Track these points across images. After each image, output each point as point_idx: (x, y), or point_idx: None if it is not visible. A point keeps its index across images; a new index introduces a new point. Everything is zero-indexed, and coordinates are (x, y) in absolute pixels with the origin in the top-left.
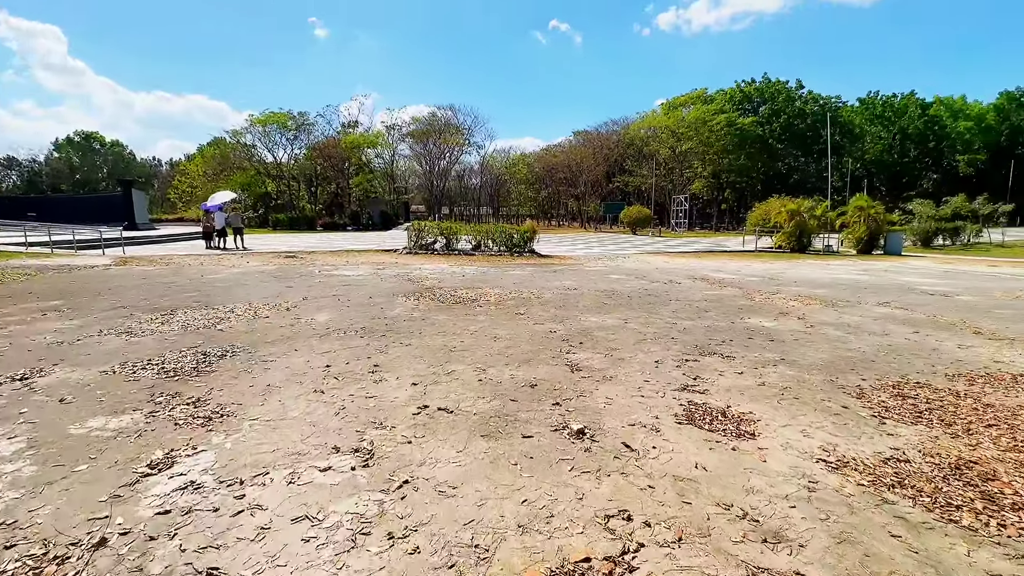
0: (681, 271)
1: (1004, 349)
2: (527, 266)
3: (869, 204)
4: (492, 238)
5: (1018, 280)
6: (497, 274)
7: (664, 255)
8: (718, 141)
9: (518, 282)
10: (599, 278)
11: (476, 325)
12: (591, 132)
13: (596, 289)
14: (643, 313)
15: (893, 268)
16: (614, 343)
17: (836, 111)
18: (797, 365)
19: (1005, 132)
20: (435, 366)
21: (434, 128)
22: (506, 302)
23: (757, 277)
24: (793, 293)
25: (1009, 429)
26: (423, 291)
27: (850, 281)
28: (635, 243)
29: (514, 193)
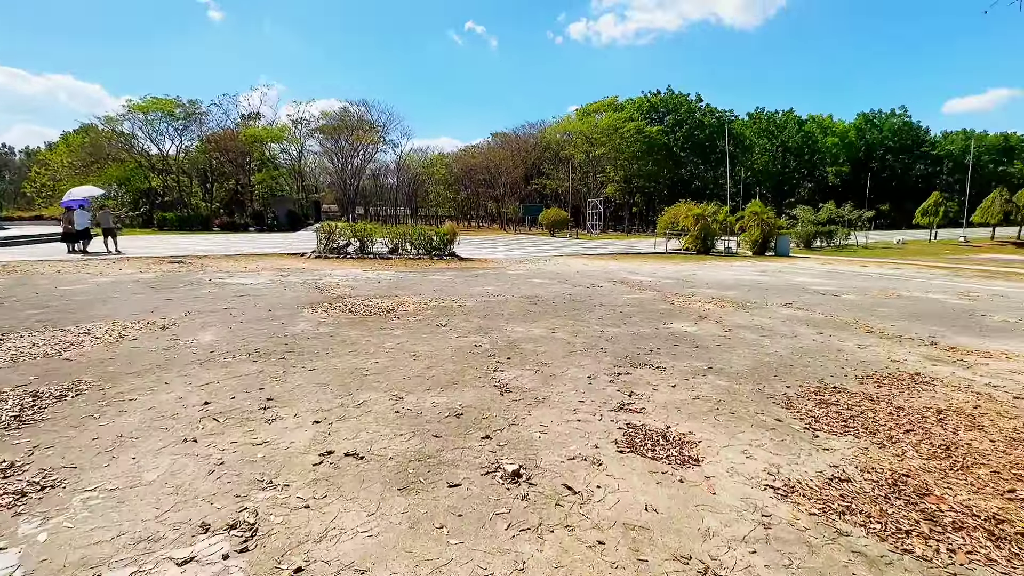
0: (601, 274)
1: (895, 347)
2: (448, 270)
3: (762, 210)
4: (410, 240)
5: (886, 279)
6: (416, 280)
7: (583, 257)
8: (629, 147)
9: (439, 288)
10: (522, 282)
11: (393, 341)
12: (509, 134)
13: (520, 295)
14: (570, 321)
15: (785, 269)
16: (544, 356)
17: (730, 124)
18: (725, 374)
19: (863, 148)
20: (343, 395)
21: (346, 124)
22: (426, 312)
23: (672, 279)
24: (706, 295)
25: (925, 434)
26: (333, 301)
27: (753, 282)
28: (554, 245)
29: (432, 193)
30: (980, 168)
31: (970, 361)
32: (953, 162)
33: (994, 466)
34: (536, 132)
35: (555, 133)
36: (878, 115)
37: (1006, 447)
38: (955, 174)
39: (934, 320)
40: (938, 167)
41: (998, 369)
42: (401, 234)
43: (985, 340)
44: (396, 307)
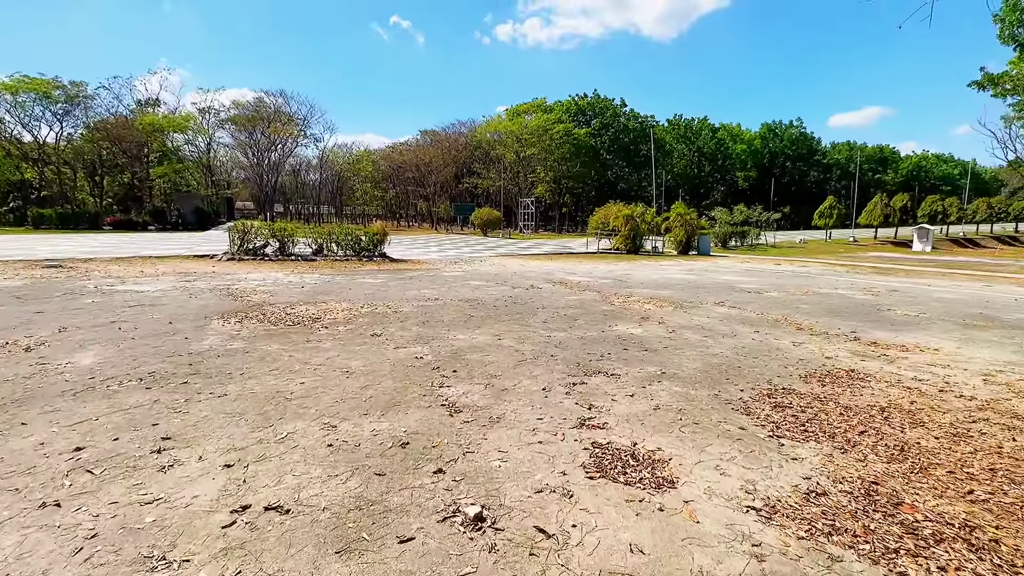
0: (539, 275)
1: (825, 344)
2: (379, 273)
3: (686, 211)
4: (336, 240)
5: (798, 276)
6: (344, 283)
7: (519, 258)
8: (558, 149)
9: (371, 293)
10: (460, 285)
11: (321, 355)
12: (439, 132)
13: (459, 298)
14: (515, 326)
15: (710, 267)
16: (492, 367)
17: (652, 128)
18: (679, 379)
19: (767, 155)
20: (262, 427)
21: (262, 115)
22: (358, 320)
23: (608, 279)
24: (644, 295)
25: (877, 435)
26: (248, 310)
27: (684, 281)
28: (488, 245)
29: (359, 191)
30: (862, 176)
31: (892, 355)
32: (840, 170)
33: (947, 465)
34: (467, 131)
35: (486, 132)
36: (779, 126)
37: (949, 444)
38: (842, 180)
39: (850, 315)
40: (828, 174)
41: (917, 362)
42: (326, 234)
43: (898, 334)
44: (323, 315)
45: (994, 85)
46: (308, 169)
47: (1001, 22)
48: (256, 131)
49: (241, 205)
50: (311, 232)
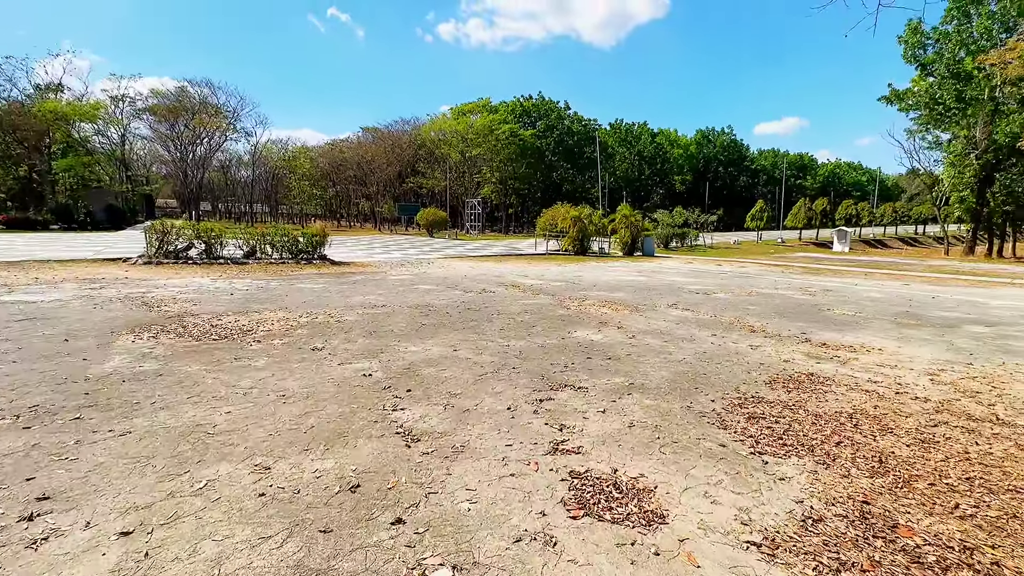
0: (491, 278)
1: (780, 347)
2: (319, 277)
3: (631, 213)
4: (271, 242)
5: (740, 277)
6: (281, 289)
7: (468, 260)
8: (504, 149)
9: (310, 300)
10: (408, 290)
11: (252, 376)
12: (382, 130)
13: (408, 304)
14: (470, 335)
15: (657, 269)
16: (450, 384)
17: (595, 132)
18: (648, 390)
19: (702, 160)
20: (175, 475)
21: (185, 106)
22: (296, 332)
23: (560, 282)
24: (598, 298)
25: (852, 445)
26: (166, 322)
27: (635, 283)
28: (435, 246)
29: (296, 190)
30: (785, 181)
31: (843, 356)
32: (767, 175)
33: (926, 477)
34: (411, 129)
35: (430, 131)
36: (712, 132)
37: (921, 451)
38: (768, 185)
39: (795, 316)
40: (756, 179)
41: (867, 363)
42: (259, 234)
43: (843, 334)
44: (256, 327)
45: (899, 100)
46: (239, 165)
47: (905, 43)
48: (179, 123)
49: (163, 203)
50: (242, 232)
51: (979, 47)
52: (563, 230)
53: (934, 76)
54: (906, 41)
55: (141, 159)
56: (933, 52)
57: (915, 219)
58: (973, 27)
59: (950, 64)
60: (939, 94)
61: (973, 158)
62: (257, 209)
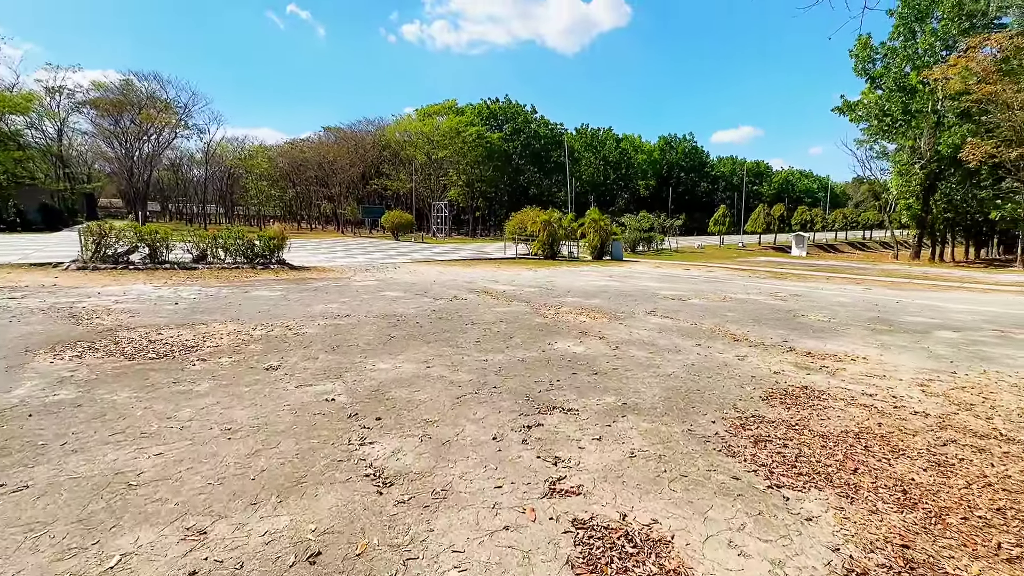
0: (461, 283)
1: (766, 356)
2: (277, 283)
3: (600, 217)
4: (224, 246)
5: (710, 282)
6: (233, 298)
7: (436, 264)
8: (471, 152)
9: (266, 310)
10: (374, 297)
11: (193, 405)
12: (345, 130)
13: (375, 314)
14: (443, 348)
15: (628, 273)
16: (425, 408)
17: (562, 136)
18: (643, 411)
19: (665, 166)
20: (76, 550)
21: (131, 100)
22: (248, 348)
23: (533, 288)
24: (574, 305)
25: (871, 473)
26: (96, 337)
27: (609, 288)
28: (401, 250)
29: (253, 190)
30: (743, 187)
31: (830, 367)
32: (725, 181)
33: (956, 510)
34: (375, 130)
35: (395, 132)
36: (674, 139)
37: (940, 477)
38: (727, 191)
39: (773, 322)
40: (715, 185)
41: (855, 374)
42: (211, 237)
43: (825, 342)
44: (201, 342)
45: (851, 111)
46: (191, 164)
47: (856, 57)
48: (124, 118)
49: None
50: (192, 235)
51: (924, 63)
52: (533, 234)
53: (882, 89)
54: (857, 55)
55: (81, 155)
56: (881, 66)
57: (863, 225)
58: (918, 43)
59: (897, 78)
60: (887, 106)
61: (918, 168)
62: (211, 210)
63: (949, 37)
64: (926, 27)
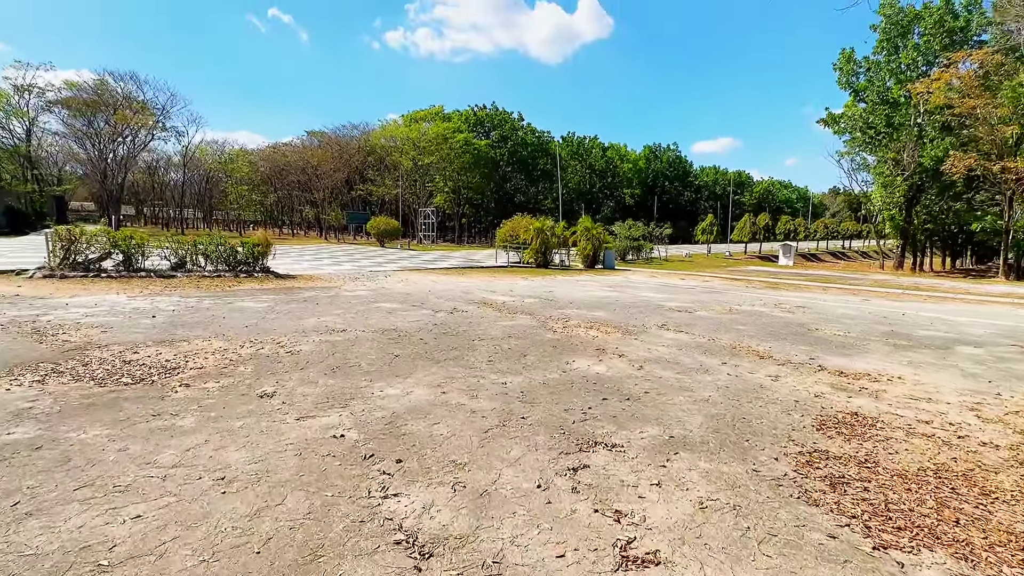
0: (457, 293)
1: (800, 377)
2: (263, 293)
3: (592, 226)
4: (204, 252)
5: (710, 292)
6: (216, 310)
7: (428, 273)
8: (458, 158)
9: (254, 324)
10: (368, 309)
11: (176, 446)
12: (329, 134)
13: (373, 328)
14: (455, 368)
15: (625, 283)
16: (451, 446)
17: (549, 144)
18: (693, 445)
19: (650, 175)
20: None
21: (105, 100)
22: (238, 370)
23: (533, 298)
24: (581, 318)
25: (972, 522)
26: (61, 359)
27: (610, 299)
28: (389, 257)
29: (233, 195)
30: (725, 197)
31: (870, 388)
32: (708, 191)
33: None
34: (360, 134)
35: (380, 137)
36: (659, 148)
37: None
38: (709, 200)
39: (789, 337)
40: (699, 194)
41: (898, 396)
42: (190, 243)
43: (851, 359)
44: (183, 363)
45: (835, 123)
46: (168, 167)
47: (840, 70)
48: (98, 118)
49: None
50: (169, 241)
51: (907, 77)
52: (525, 242)
53: (865, 102)
54: (840, 68)
55: (52, 157)
56: (865, 79)
57: (842, 235)
58: (900, 58)
59: (880, 91)
60: (871, 119)
61: (901, 180)
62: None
63: (931, 52)
64: (909, 42)
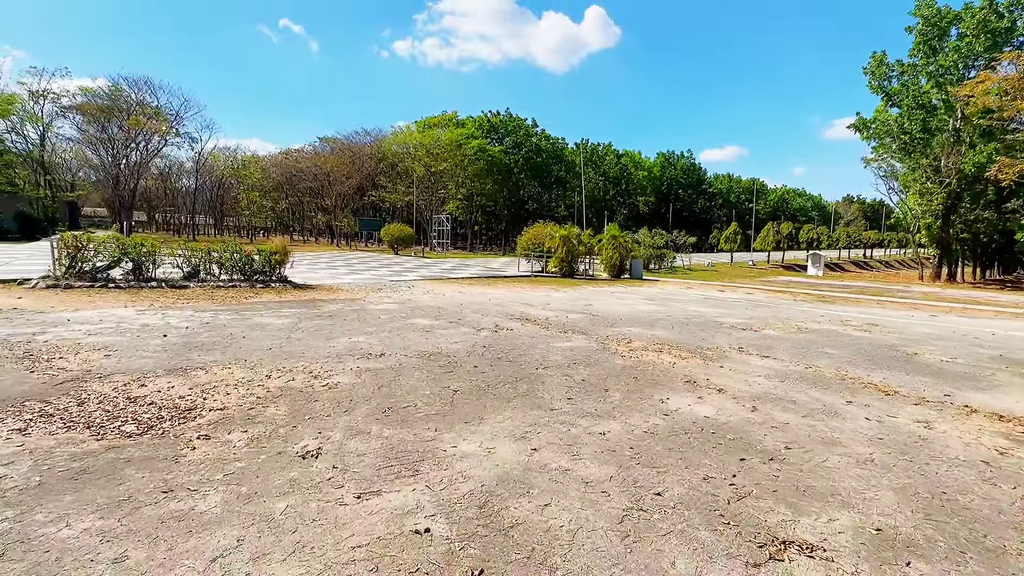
0: (491, 307)
1: (957, 424)
2: (283, 306)
3: (620, 234)
4: (219, 260)
5: (761, 306)
6: (235, 327)
7: (450, 283)
8: (471, 165)
9: (277, 345)
10: (403, 326)
11: (195, 548)
12: (341, 140)
13: (415, 351)
14: (531, 409)
15: (663, 295)
16: (587, 554)
17: (563, 150)
18: (920, 548)
19: (664, 182)
20: None
21: (119, 106)
22: (267, 412)
23: (576, 314)
24: (642, 338)
25: None
26: (52, 394)
27: (659, 315)
28: (406, 265)
29: (244, 201)
30: (739, 205)
31: None
32: (722, 199)
33: None
34: (372, 140)
35: (392, 144)
36: (673, 155)
37: None
38: (723, 208)
39: (895, 364)
40: (712, 202)
41: None
42: (204, 251)
43: (990, 395)
44: (200, 401)
45: (866, 129)
46: (180, 173)
47: (871, 74)
48: (111, 124)
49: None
50: (182, 248)
51: (947, 80)
52: (549, 250)
53: (899, 107)
54: (872, 72)
55: (65, 163)
56: (899, 83)
57: (864, 244)
58: (939, 60)
59: (916, 95)
60: (906, 124)
61: (940, 187)
62: (200, 221)
63: (972, 55)
64: (949, 44)
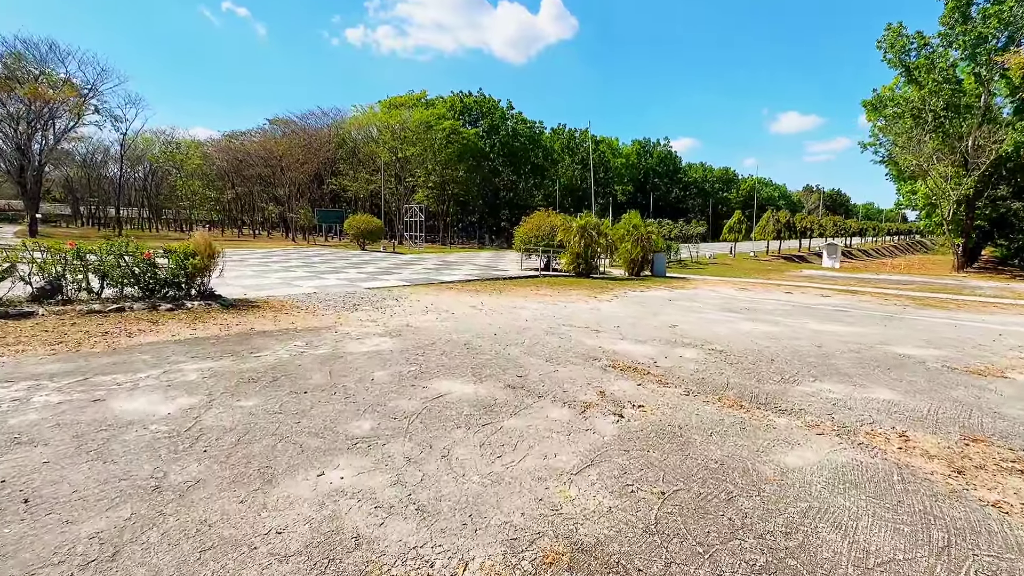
0: (543, 337)
1: None
2: (191, 353)
3: (642, 224)
4: (99, 268)
5: (892, 319)
6: (73, 429)
7: (448, 289)
8: (443, 149)
9: (116, 532)
10: (425, 410)
11: None
12: (295, 122)
13: (493, 524)
14: None
15: (737, 302)
16: None
17: (541, 136)
18: None
19: (642, 170)
20: None
21: (18, 75)
22: None
23: (686, 347)
24: (900, 418)
25: None
26: None
27: (801, 345)
28: (379, 265)
29: (183, 191)
30: (713, 194)
31: None
32: (696, 188)
33: None
34: (330, 123)
35: (353, 127)
36: (648, 143)
37: None
38: (697, 198)
39: None
40: (687, 191)
41: None
42: (73, 254)
43: None
44: None
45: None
46: (107, 159)
47: (889, 47)
48: (12, 99)
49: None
50: (42, 249)
51: (984, 49)
52: (561, 243)
53: (921, 82)
54: (890, 44)
55: None
56: (920, 56)
57: (848, 232)
58: (976, 28)
59: (943, 68)
60: (931, 101)
61: (965, 171)
62: (134, 214)
63: (1016, 21)
64: (988, 9)
